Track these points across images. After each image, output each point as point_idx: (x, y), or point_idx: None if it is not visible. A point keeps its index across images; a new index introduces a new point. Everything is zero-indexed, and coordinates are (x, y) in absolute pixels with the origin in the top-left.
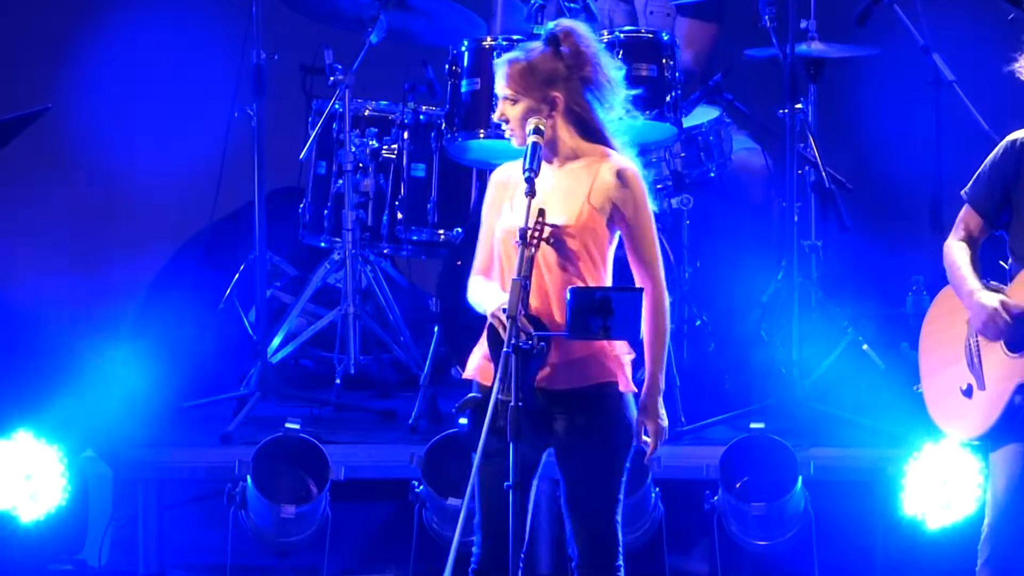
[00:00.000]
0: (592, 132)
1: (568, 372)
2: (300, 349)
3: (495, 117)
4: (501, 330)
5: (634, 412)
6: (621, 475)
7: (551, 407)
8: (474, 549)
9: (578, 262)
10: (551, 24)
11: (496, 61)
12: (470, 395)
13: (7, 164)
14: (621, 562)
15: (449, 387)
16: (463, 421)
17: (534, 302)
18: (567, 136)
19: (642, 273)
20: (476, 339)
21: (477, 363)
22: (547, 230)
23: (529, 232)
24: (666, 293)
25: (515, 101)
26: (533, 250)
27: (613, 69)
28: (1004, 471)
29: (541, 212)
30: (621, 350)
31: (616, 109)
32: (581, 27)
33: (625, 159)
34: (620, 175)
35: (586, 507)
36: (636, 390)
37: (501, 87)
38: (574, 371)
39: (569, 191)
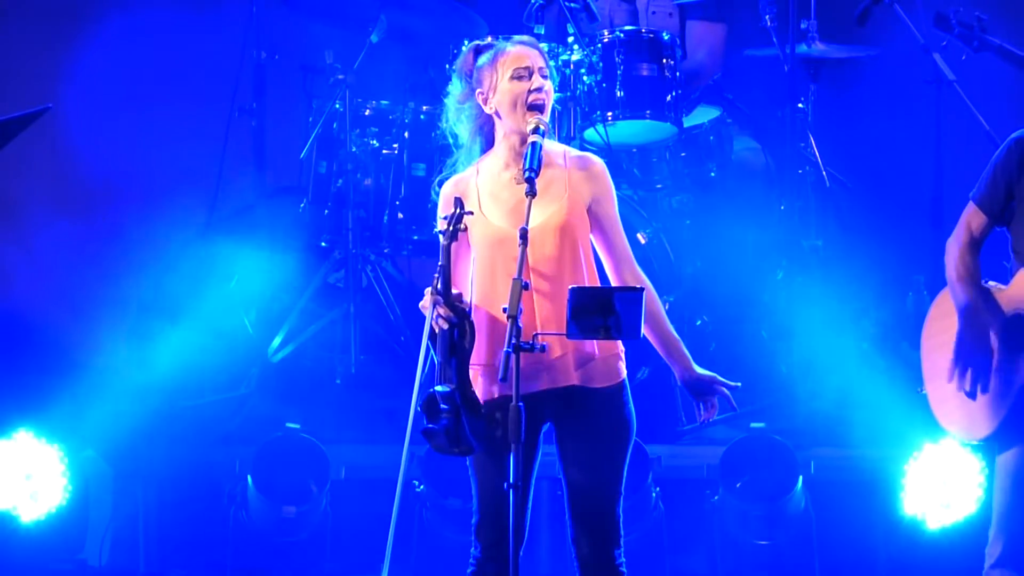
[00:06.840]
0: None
1: (569, 370)
2: (300, 349)
3: (534, 84)
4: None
5: (632, 406)
6: (623, 470)
7: (553, 405)
8: (472, 551)
9: (572, 259)
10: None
11: (527, 39)
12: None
13: (7, 164)
14: (623, 558)
15: None
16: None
17: (533, 304)
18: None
19: (620, 266)
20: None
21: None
22: (464, 219)
23: (448, 222)
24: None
25: (548, 77)
26: (449, 240)
27: None
28: (1011, 472)
29: (458, 202)
30: (618, 346)
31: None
32: None
33: (589, 154)
34: (592, 169)
35: (589, 503)
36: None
37: (538, 61)
38: (575, 369)
39: (548, 188)
